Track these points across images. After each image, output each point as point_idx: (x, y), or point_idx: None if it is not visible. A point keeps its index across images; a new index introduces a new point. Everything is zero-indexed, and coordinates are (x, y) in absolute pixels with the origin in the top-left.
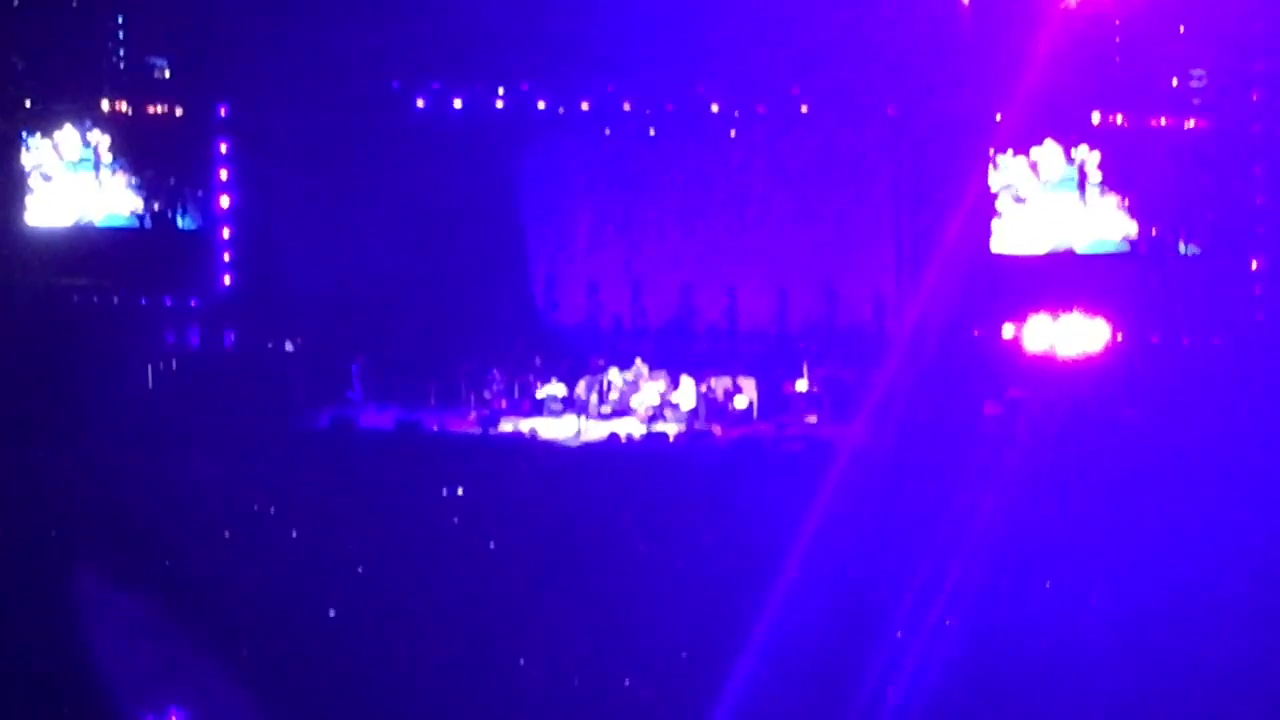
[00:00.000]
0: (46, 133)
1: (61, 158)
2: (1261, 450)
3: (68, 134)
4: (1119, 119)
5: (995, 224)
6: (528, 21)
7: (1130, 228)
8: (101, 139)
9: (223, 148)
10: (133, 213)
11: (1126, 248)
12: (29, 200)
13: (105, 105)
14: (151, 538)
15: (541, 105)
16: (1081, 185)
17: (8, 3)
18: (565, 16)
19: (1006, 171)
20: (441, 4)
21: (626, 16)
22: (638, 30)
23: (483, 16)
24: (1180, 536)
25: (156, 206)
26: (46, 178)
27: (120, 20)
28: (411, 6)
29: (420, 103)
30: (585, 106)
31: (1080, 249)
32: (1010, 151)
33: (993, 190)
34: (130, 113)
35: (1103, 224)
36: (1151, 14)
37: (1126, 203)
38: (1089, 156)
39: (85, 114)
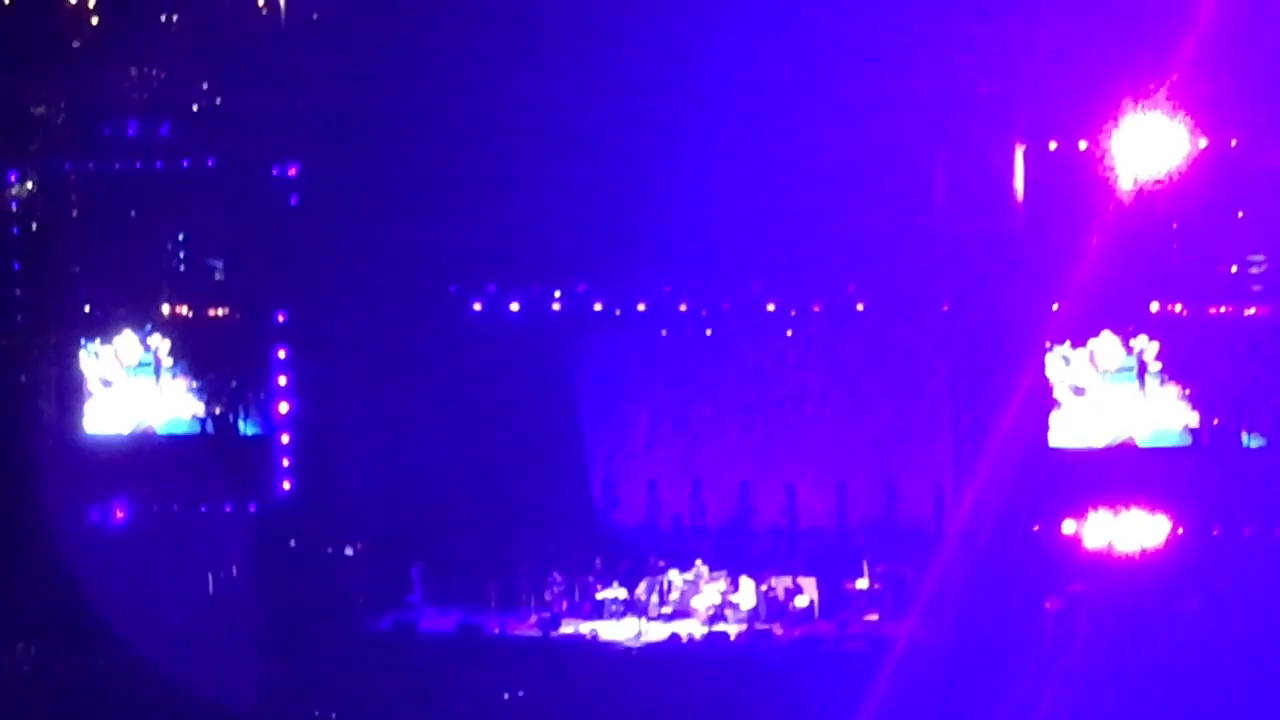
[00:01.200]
0: (106, 339)
1: (121, 363)
2: None
3: (127, 339)
4: (1178, 308)
5: (1054, 417)
6: (584, 223)
7: (1191, 418)
8: (161, 343)
9: (281, 353)
10: (194, 416)
11: (1188, 439)
12: (88, 406)
13: (165, 309)
14: None
15: (598, 306)
16: (1141, 375)
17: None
18: (621, 218)
19: (1065, 363)
20: (497, 207)
21: (682, 217)
22: (693, 230)
23: (539, 219)
24: None
25: (218, 410)
26: (106, 383)
27: (179, 225)
28: (467, 209)
29: (477, 305)
30: (641, 307)
31: (1141, 440)
32: (1068, 343)
33: (1051, 382)
34: (190, 316)
35: (1163, 414)
36: (1209, 202)
37: (1187, 392)
38: (1148, 346)
39: (145, 318)
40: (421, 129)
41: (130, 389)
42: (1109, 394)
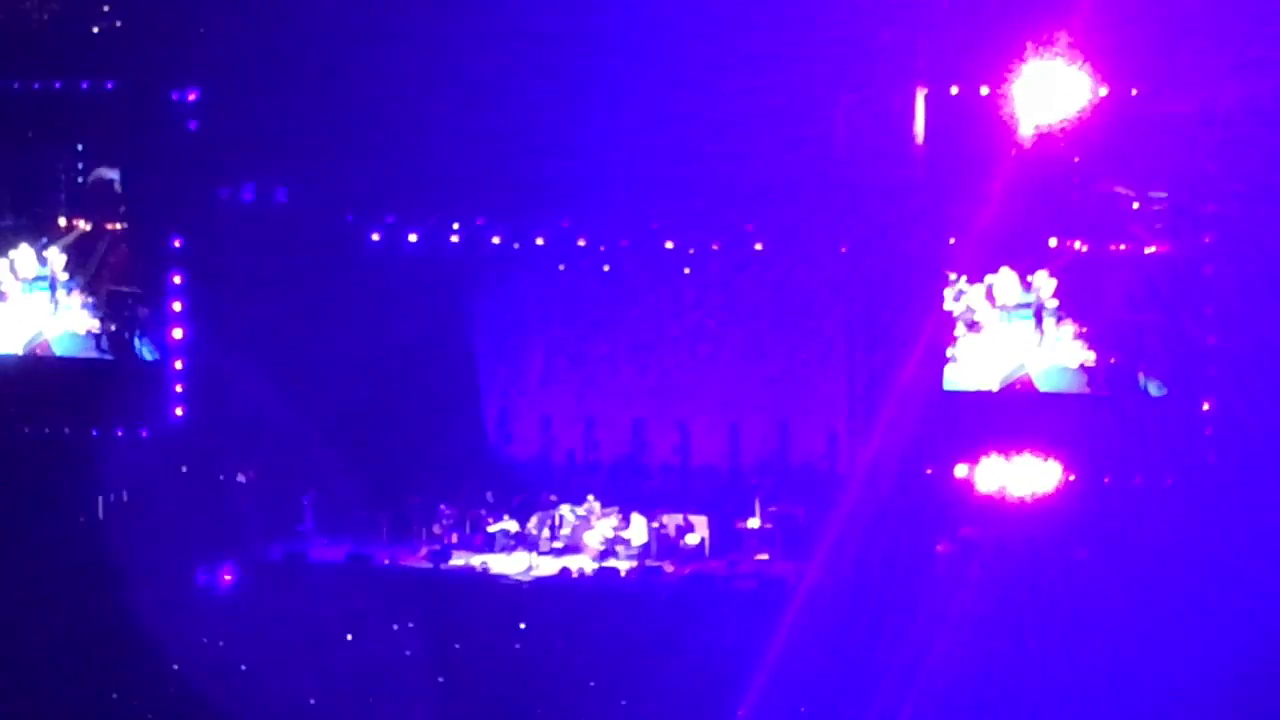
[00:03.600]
0: (2, 252)
1: (17, 277)
2: (1211, 592)
3: (23, 253)
4: (1077, 244)
5: (949, 358)
6: (484, 159)
7: (1087, 356)
8: (58, 259)
9: (176, 279)
10: (89, 332)
11: (1083, 378)
12: None
13: (62, 223)
14: (99, 672)
15: (496, 240)
16: (1038, 314)
17: None
18: (522, 155)
19: (963, 298)
20: (398, 139)
21: (582, 153)
22: (593, 167)
23: (439, 152)
24: (1128, 677)
25: (112, 330)
26: (1, 297)
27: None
28: (368, 141)
29: (375, 236)
30: (540, 242)
31: (1037, 379)
32: (964, 278)
33: (947, 325)
34: (88, 232)
35: (1059, 353)
36: (1109, 147)
37: (1084, 330)
38: (1046, 283)
39: (41, 232)
40: (324, 65)
41: (25, 304)
42: (1006, 331)
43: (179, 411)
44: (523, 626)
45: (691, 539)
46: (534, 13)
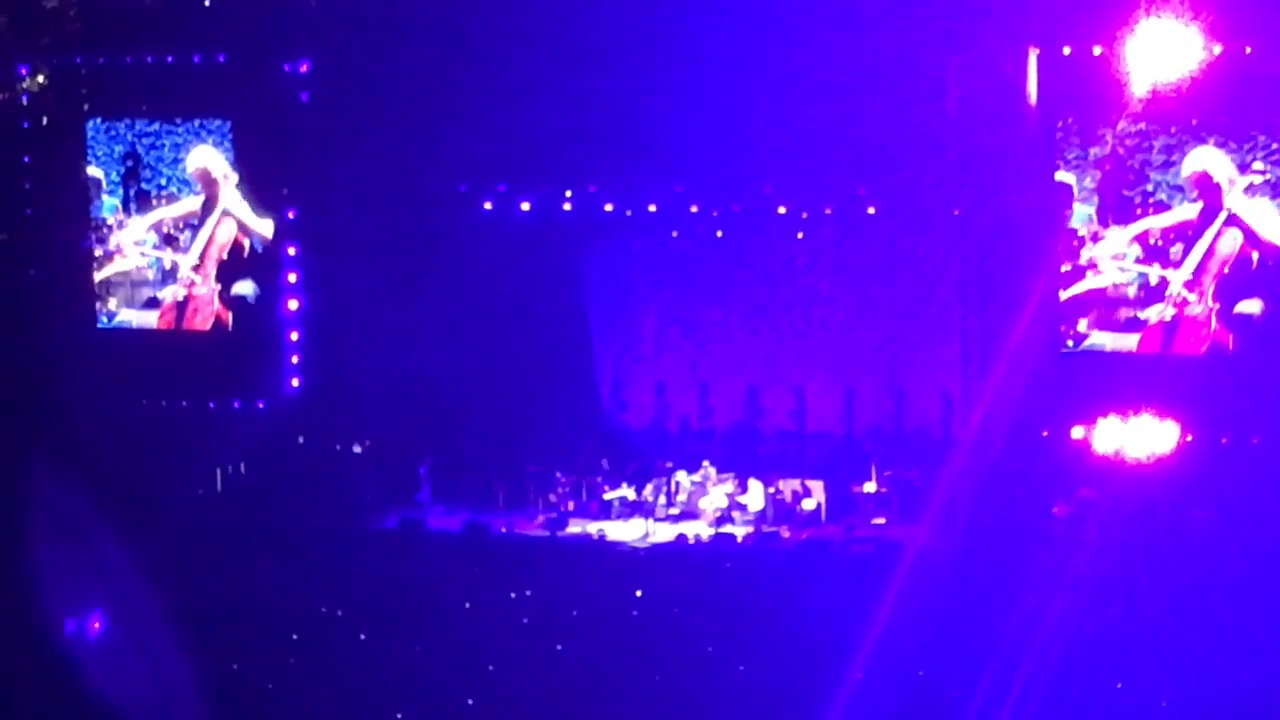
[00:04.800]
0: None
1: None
2: None
3: (135, 227)
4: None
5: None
6: (596, 126)
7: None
8: (171, 232)
9: (291, 250)
10: (204, 304)
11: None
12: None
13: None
14: (222, 638)
15: (609, 207)
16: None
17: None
18: (633, 119)
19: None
20: (510, 107)
21: (695, 119)
22: (705, 132)
23: (551, 120)
24: (1251, 641)
25: (229, 301)
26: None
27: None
28: (480, 109)
29: (488, 205)
30: (652, 208)
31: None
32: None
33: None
34: (203, 203)
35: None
36: (1222, 105)
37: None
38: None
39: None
40: (435, 32)
41: (140, 278)
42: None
43: (295, 383)
44: (639, 594)
45: (808, 504)
46: None
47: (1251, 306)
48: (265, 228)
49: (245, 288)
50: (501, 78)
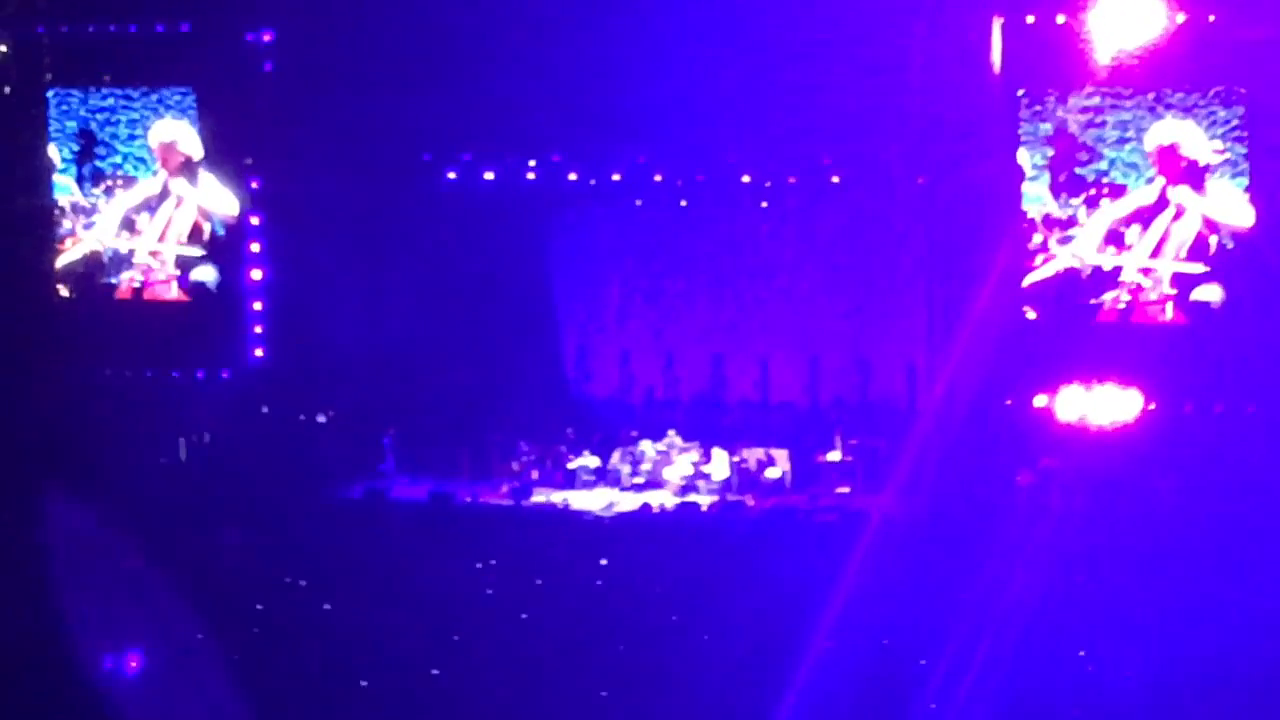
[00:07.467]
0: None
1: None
2: None
3: (105, 200)
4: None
5: (1028, 289)
6: (560, 95)
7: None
8: (134, 200)
9: (254, 220)
10: (168, 274)
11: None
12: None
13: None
14: (185, 609)
15: (573, 176)
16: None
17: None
18: (596, 89)
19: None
20: (473, 77)
21: (658, 88)
22: (669, 101)
23: (514, 89)
24: (1214, 608)
25: (192, 269)
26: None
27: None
28: (443, 79)
29: (451, 174)
30: (616, 177)
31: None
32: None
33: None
34: (166, 171)
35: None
36: (1185, 74)
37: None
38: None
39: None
40: (398, 1)
41: (103, 247)
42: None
43: (259, 353)
44: (604, 562)
45: (772, 473)
46: None
47: (1210, 293)
48: (227, 208)
49: (206, 274)
50: (464, 47)
